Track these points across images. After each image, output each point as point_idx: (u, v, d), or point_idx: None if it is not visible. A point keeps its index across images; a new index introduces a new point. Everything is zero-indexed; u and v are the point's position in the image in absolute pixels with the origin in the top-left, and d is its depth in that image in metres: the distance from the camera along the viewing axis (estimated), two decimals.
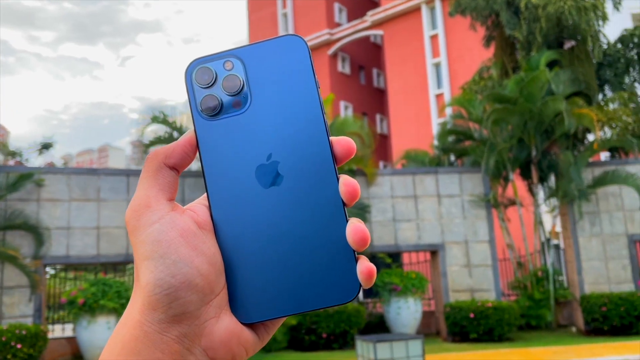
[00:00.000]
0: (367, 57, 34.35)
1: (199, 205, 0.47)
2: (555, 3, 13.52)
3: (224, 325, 0.43)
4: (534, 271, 13.80)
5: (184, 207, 0.46)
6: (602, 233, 13.65)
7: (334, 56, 31.66)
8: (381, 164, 30.68)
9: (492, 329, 12.17)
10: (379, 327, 13.54)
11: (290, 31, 32.91)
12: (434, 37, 27.68)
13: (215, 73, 0.47)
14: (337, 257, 0.44)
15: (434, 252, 13.67)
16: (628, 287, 13.31)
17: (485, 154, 12.81)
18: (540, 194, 14.72)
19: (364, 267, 0.43)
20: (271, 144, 0.46)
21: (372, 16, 29.85)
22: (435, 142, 15.78)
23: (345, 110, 31.58)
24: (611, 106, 14.30)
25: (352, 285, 0.43)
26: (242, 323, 0.44)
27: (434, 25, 27.85)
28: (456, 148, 14.89)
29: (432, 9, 27.98)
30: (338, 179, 0.45)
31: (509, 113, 13.06)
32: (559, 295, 13.95)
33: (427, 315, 14.25)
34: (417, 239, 13.44)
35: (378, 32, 30.18)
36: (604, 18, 14.03)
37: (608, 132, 13.74)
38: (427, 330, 14.18)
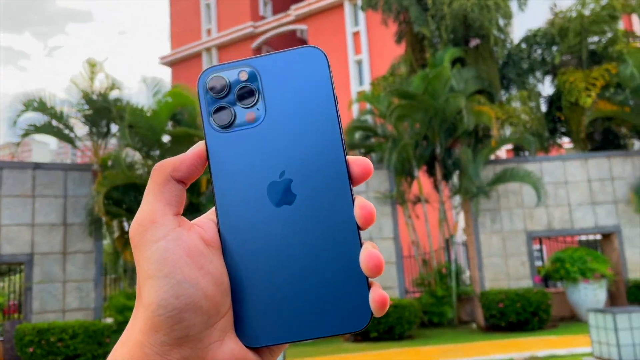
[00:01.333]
0: None
1: (207, 220, 0.45)
2: (459, 0, 13.53)
3: (228, 349, 0.41)
4: (437, 268, 13.82)
5: (191, 222, 0.44)
6: (502, 230, 13.83)
7: (258, 50, 31.00)
8: None
9: (392, 327, 12.01)
10: None
11: (213, 22, 31.98)
12: (356, 34, 27.60)
13: (229, 83, 0.45)
14: (349, 283, 0.42)
15: None
16: (526, 283, 13.55)
17: (388, 150, 12.64)
18: (447, 190, 14.77)
19: (377, 295, 0.42)
20: (285, 161, 0.44)
21: (296, 10, 29.42)
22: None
23: None
24: (514, 105, 14.51)
25: (363, 313, 0.42)
26: (247, 347, 0.42)
27: (356, 21, 27.76)
28: (364, 144, 14.69)
29: (354, 5, 27.87)
30: (353, 201, 0.43)
31: (412, 109, 12.94)
32: (461, 292, 14.05)
33: None
34: None
35: (302, 26, 29.79)
36: (507, 17, 14.19)
37: (508, 130, 13.92)
38: None
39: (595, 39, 15.69)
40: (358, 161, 0.44)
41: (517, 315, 12.40)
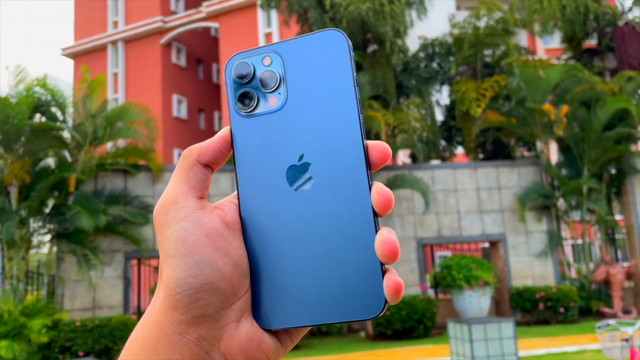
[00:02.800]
0: (206, 50, 32.88)
1: (229, 203, 0.46)
2: (355, 3, 13.37)
3: (244, 330, 0.42)
4: None
5: (213, 205, 0.45)
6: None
7: (168, 46, 29.78)
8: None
9: None
10: None
11: (120, 14, 30.42)
12: (268, 35, 27.11)
13: (254, 68, 0.46)
14: (364, 269, 0.42)
15: None
16: (415, 290, 13.56)
17: None
18: None
19: (392, 281, 0.41)
20: (304, 145, 0.44)
21: (207, 7, 28.50)
22: None
23: (179, 105, 29.90)
24: (410, 112, 14.54)
25: (377, 300, 0.42)
26: (262, 329, 0.43)
27: (269, 22, 27.28)
28: None
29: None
30: (371, 186, 0.43)
31: None
32: None
33: None
34: None
35: (213, 24, 28.92)
36: (403, 24, 14.22)
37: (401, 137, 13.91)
38: None
39: (490, 51, 16.12)
40: (377, 146, 0.44)
41: (403, 323, 12.32)
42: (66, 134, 11.47)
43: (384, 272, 0.42)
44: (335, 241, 0.43)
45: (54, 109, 10.94)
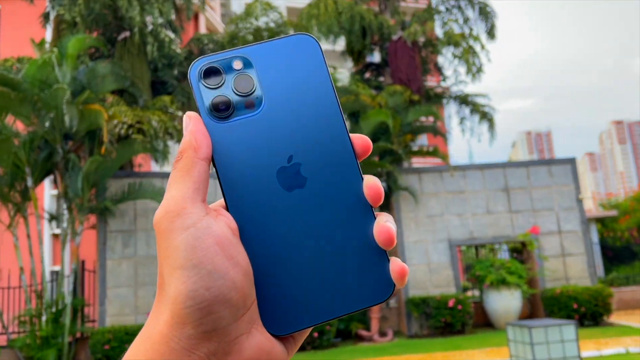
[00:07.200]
0: None
1: (224, 209, 0.43)
2: None
3: (254, 342, 0.41)
4: (49, 302, 11.16)
5: (213, 209, 0.43)
6: (135, 254, 11.85)
7: None
8: None
9: None
10: None
11: None
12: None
13: (225, 73, 0.45)
14: (368, 258, 0.43)
15: None
16: None
17: None
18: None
19: (397, 266, 0.43)
20: (291, 146, 0.44)
21: None
22: None
23: None
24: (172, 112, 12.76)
25: (385, 284, 0.43)
26: (274, 335, 0.42)
27: None
28: None
29: None
30: (362, 178, 0.44)
31: (14, 101, 10.21)
32: (85, 331, 11.60)
33: None
34: None
35: None
36: (162, 14, 12.50)
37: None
38: None
39: None
40: (358, 139, 0.45)
41: None
42: None
43: (388, 258, 0.43)
44: (337, 235, 0.43)
45: None
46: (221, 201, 0.44)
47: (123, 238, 11.76)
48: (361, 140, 0.45)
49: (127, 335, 10.37)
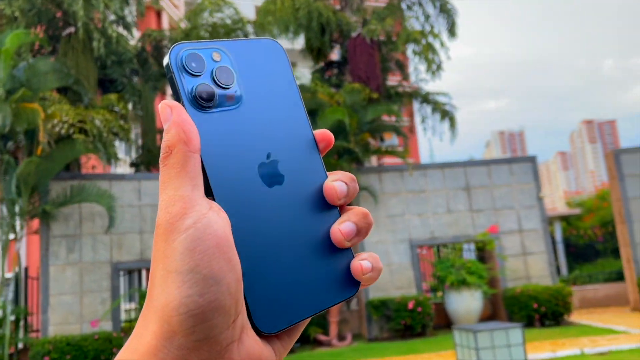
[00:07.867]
0: None
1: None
2: None
3: (244, 349, 0.39)
4: None
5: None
6: (81, 260, 11.30)
7: None
8: None
9: None
10: None
11: None
12: None
13: (205, 62, 0.44)
14: (335, 255, 0.44)
15: None
16: (108, 325, 11.20)
17: None
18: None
19: (354, 265, 0.44)
20: (268, 142, 0.44)
21: None
22: None
23: None
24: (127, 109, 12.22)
25: (352, 281, 0.44)
26: (265, 336, 0.41)
27: None
28: None
29: None
30: (326, 176, 0.45)
31: None
32: (28, 342, 11.01)
33: None
34: None
35: None
36: (109, 8, 11.97)
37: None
38: None
39: None
40: (320, 134, 0.46)
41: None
42: None
43: (353, 254, 0.44)
44: (310, 233, 0.44)
45: None
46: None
47: (67, 243, 11.21)
48: (324, 135, 0.45)
49: (68, 346, 9.83)
